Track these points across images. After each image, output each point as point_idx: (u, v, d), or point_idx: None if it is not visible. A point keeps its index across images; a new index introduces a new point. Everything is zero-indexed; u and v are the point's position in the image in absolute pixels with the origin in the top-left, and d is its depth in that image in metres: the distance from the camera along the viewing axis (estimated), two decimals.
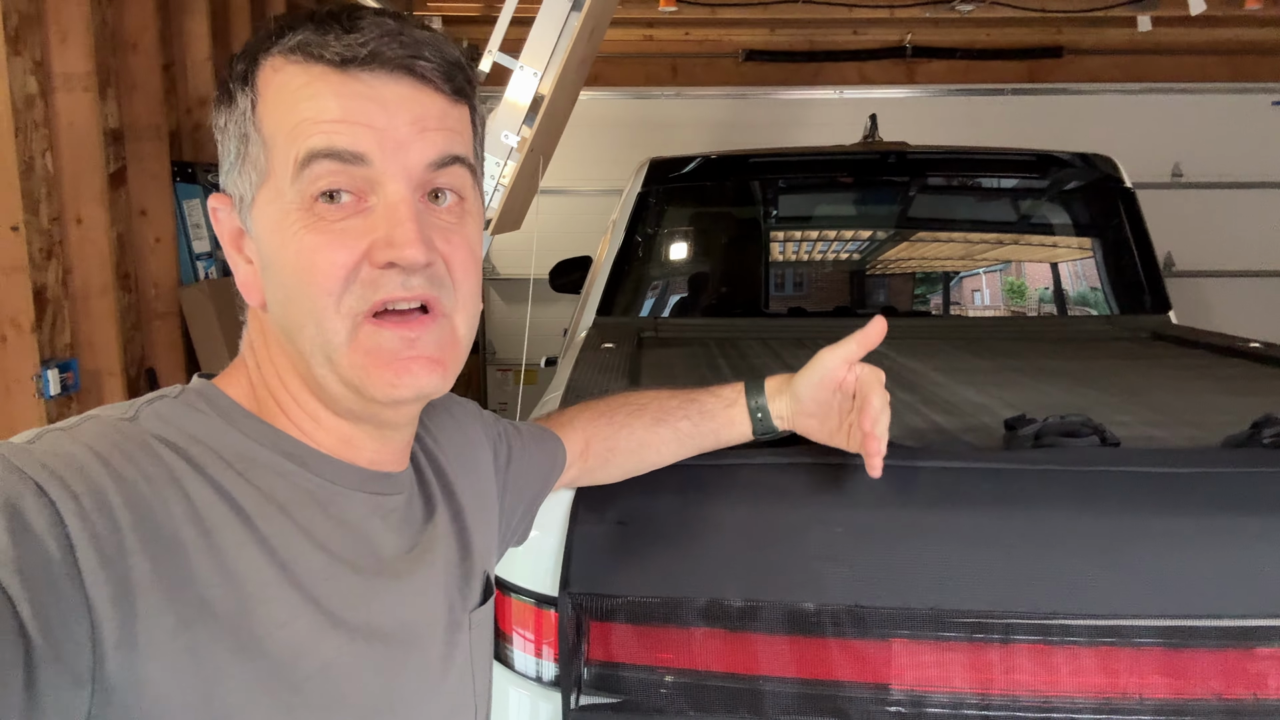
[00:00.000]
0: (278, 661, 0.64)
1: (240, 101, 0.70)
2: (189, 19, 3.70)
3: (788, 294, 2.89)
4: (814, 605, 1.05)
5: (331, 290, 0.67)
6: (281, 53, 0.69)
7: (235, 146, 0.71)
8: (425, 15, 5.57)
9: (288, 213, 0.68)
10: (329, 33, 0.67)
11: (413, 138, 0.68)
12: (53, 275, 2.90)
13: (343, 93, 0.67)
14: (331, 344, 0.69)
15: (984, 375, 1.88)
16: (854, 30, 5.92)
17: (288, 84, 0.68)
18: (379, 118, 0.67)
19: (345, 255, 0.67)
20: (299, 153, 0.66)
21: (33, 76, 2.80)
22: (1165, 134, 5.93)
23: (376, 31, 0.68)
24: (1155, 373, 1.98)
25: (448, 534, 0.84)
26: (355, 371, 0.69)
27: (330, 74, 0.67)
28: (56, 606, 0.54)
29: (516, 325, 6.26)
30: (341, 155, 0.66)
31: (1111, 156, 2.87)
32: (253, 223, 0.71)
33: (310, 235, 0.67)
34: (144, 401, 0.69)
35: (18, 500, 0.55)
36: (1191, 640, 1.00)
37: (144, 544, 0.59)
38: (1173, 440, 1.33)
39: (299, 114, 0.67)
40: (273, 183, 0.68)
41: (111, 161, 3.22)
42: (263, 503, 0.68)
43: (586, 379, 1.78)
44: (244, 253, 0.74)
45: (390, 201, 0.68)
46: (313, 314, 0.68)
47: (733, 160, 3.01)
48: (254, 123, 0.69)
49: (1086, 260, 2.86)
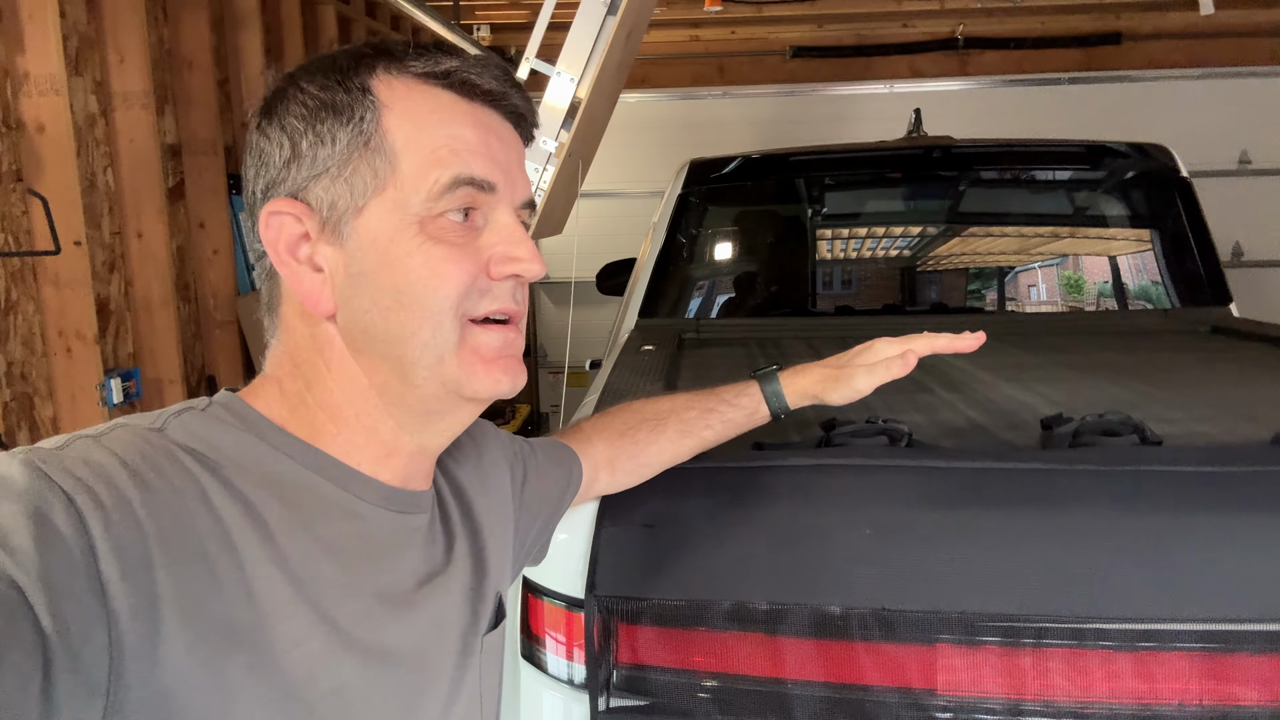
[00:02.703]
0: (292, 681, 0.64)
1: (356, 110, 0.71)
2: (243, 36, 3.79)
3: (831, 292, 2.86)
4: (841, 608, 1.04)
5: (455, 295, 0.72)
6: (416, 76, 0.73)
7: (341, 154, 0.70)
8: (473, 23, 5.64)
9: (409, 224, 0.71)
10: (470, 64, 0.74)
11: (517, 175, 0.77)
12: (115, 288, 3.01)
13: (477, 124, 0.74)
14: (447, 344, 0.72)
15: (1032, 372, 1.84)
16: (904, 23, 5.84)
17: (424, 104, 0.73)
18: (501, 152, 0.75)
19: (471, 265, 0.72)
20: (445, 175, 0.71)
21: (93, 96, 2.91)
22: (1231, 120, 5.71)
23: (504, 75, 0.76)
24: (1212, 367, 1.92)
25: (464, 557, 0.84)
26: (463, 369, 0.73)
27: (462, 104, 0.74)
28: (77, 616, 0.54)
29: (566, 327, 6.30)
30: (481, 184, 0.72)
31: (1167, 145, 2.79)
32: (353, 230, 0.71)
33: (438, 246, 0.71)
34: (171, 413, 0.69)
35: (46, 508, 0.56)
36: (1234, 645, 0.97)
37: (167, 557, 0.59)
38: (1225, 437, 1.28)
39: (436, 137, 0.72)
40: (396, 192, 0.70)
41: (170, 176, 3.33)
42: (286, 518, 0.68)
43: (624, 381, 1.78)
44: (308, 261, 0.72)
45: (505, 223, 0.75)
46: (431, 318, 0.71)
47: (773, 159, 2.99)
48: (380, 132, 0.71)
49: (1143, 253, 2.78)
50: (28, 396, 2.65)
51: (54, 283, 2.67)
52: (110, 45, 2.96)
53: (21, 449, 0.60)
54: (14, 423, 2.58)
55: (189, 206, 3.48)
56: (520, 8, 5.48)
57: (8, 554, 0.53)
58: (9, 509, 0.55)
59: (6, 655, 0.50)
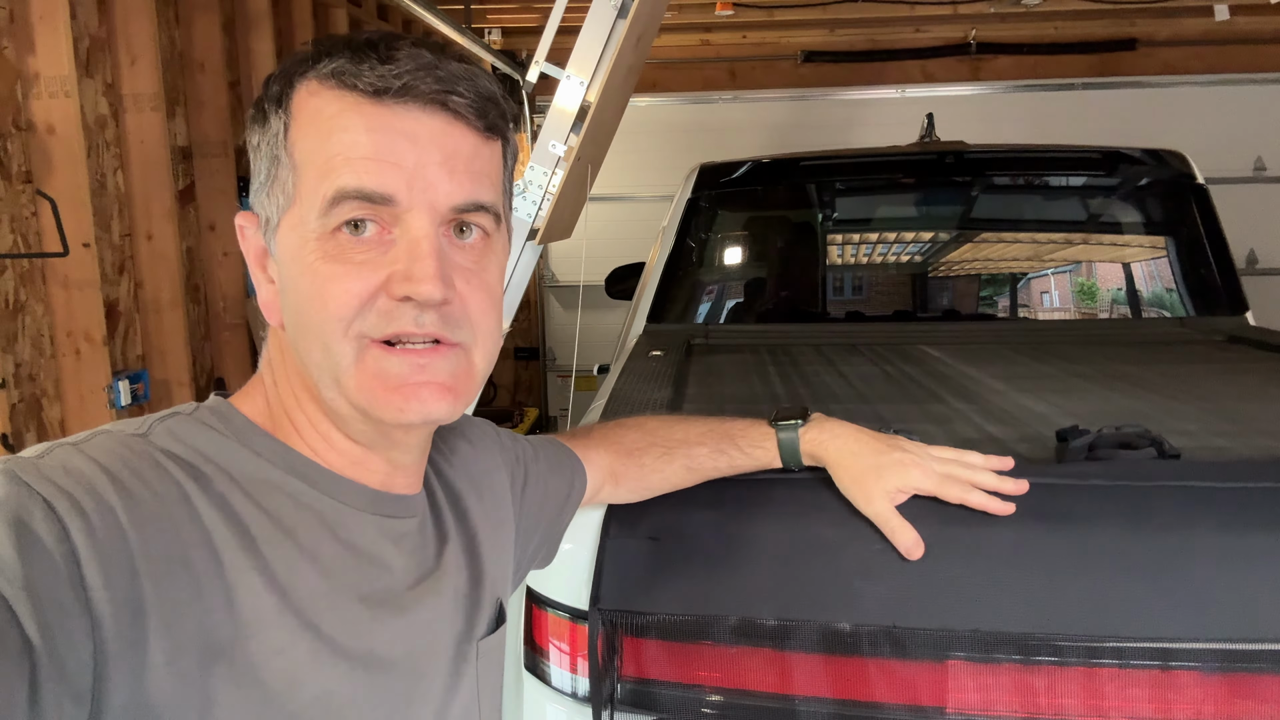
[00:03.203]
0: (272, 690, 0.64)
1: (273, 123, 0.70)
2: (254, 38, 3.80)
3: (841, 299, 2.84)
4: (850, 625, 1.01)
5: (343, 316, 0.67)
6: (317, 77, 0.69)
7: (266, 168, 0.71)
8: (484, 27, 5.64)
9: (308, 240, 0.68)
10: (364, 61, 0.67)
11: (441, 177, 0.68)
12: (124, 289, 3.01)
13: (374, 126, 0.67)
14: (339, 366, 0.69)
15: (1045, 382, 1.81)
16: (916, 28, 5.81)
17: (321, 111, 0.68)
18: (409, 155, 0.67)
19: (360, 285, 0.67)
20: (328, 190, 0.67)
21: (104, 98, 2.91)
22: (1246, 127, 5.68)
23: (412, 64, 0.67)
24: (1228, 378, 1.89)
25: (458, 562, 0.83)
26: (363, 394, 0.69)
27: (364, 104, 0.67)
28: (61, 624, 0.54)
29: (575, 332, 6.30)
30: (370, 196, 0.66)
31: (1182, 151, 2.76)
32: (276, 245, 0.71)
33: (329, 264, 0.67)
34: (158, 418, 0.69)
35: (26, 517, 0.56)
36: (1252, 665, 0.94)
37: (150, 565, 0.59)
38: (1243, 451, 1.26)
39: (330, 147, 0.67)
40: (298, 209, 0.69)
41: (180, 178, 3.33)
42: (269, 526, 0.67)
43: (631, 388, 1.77)
44: (266, 272, 0.74)
45: (413, 236, 0.68)
46: (320, 337, 0.68)
47: (784, 164, 2.97)
48: (285, 147, 0.69)
49: (1157, 260, 2.75)
50: (36, 398, 2.65)
51: (63, 284, 2.67)
52: (121, 47, 2.96)
53: (0, 459, 0.60)
54: (21, 424, 2.58)
55: (199, 208, 3.49)
56: (532, 11, 5.47)
57: None
58: None
59: None
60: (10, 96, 2.50)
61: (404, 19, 5.20)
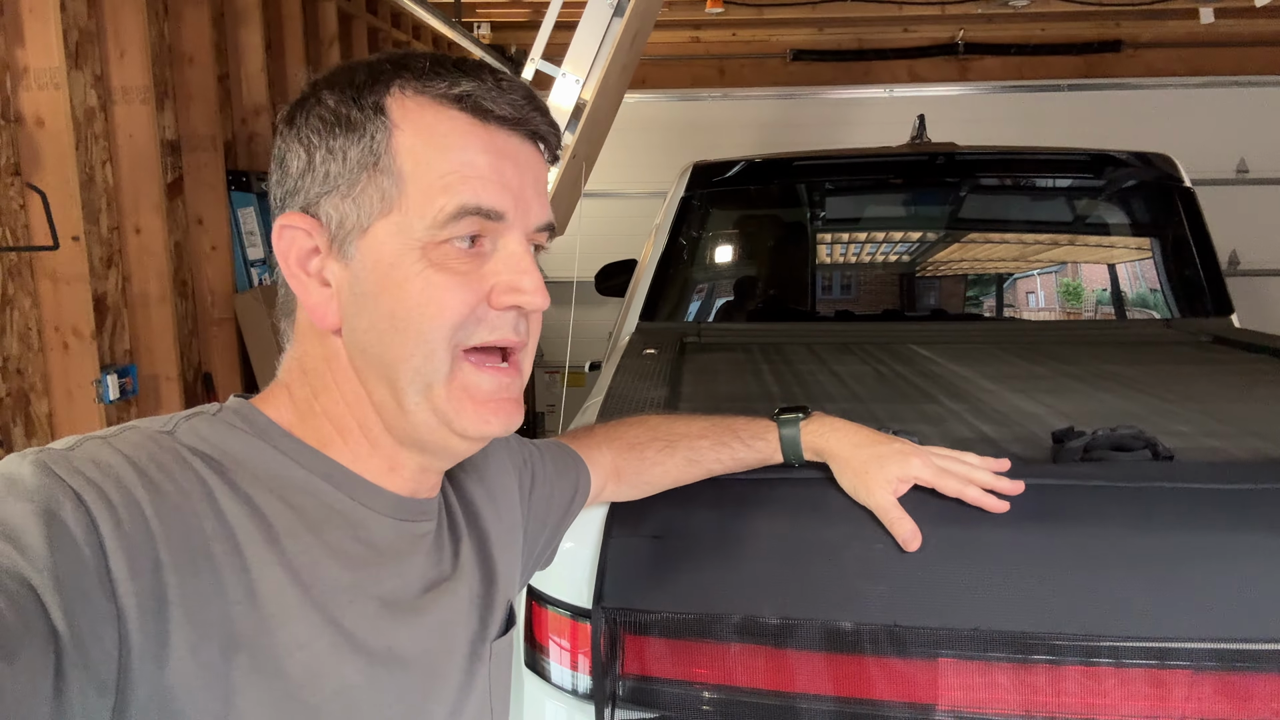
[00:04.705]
0: (295, 683, 0.65)
1: (368, 128, 0.70)
2: (244, 32, 3.77)
3: (833, 298, 2.85)
4: (851, 624, 1.03)
5: (451, 324, 0.71)
6: (431, 96, 0.71)
7: (349, 171, 0.70)
8: (474, 21, 5.63)
9: (412, 248, 0.70)
10: (488, 87, 0.71)
11: (533, 199, 0.74)
12: (112, 283, 2.98)
13: (489, 149, 0.71)
14: (436, 375, 0.71)
15: (1036, 382, 1.83)
16: (904, 28, 5.84)
17: (436, 127, 0.71)
18: (514, 178, 0.72)
19: (470, 295, 0.71)
20: (450, 203, 0.69)
21: (93, 90, 2.88)
22: (1229, 129, 5.75)
23: (525, 95, 0.73)
24: (1217, 379, 1.91)
25: (472, 563, 0.84)
26: (451, 404, 0.72)
27: (478, 127, 0.72)
28: (87, 614, 0.55)
29: (564, 328, 6.28)
30: (488, 212, 0.71)
31: (1170, 155, 2.79)
32: (358, 250, 0.71)
33: (438, 273, 0.70)
34: (182, 417, 0.70)
35: (56, 507, 0.56)
36: (1247, 664, 0.96)
37: (174, 557, 0.60)
38: (1234, 452, 1.28)
39: (447, 163, 0.70)
40: (401, 216, 0.70)
41: (169, 172, 3.31)
42: (293, 521, 0.68)
43: (627, 386, 1.77)
44: (317, 275, 0.73)
45: (514, 250, 0.73)
46: (423, 345, 0.70)
47: (776, 164, 2.98)
48: (389, 153, 0.70)
49: (1144, 262, 2.78)
50: (23, 392, 2.63)
51: (51, 278, 2.65)
52: (111, 39, 2.94)
53: (32, 450, 0.61)
54: (9, 418, 2.56)
55: (187, 202, 3.46)
56: (521, 6, 5.47)
57: (20, 553, 0.54)
58: (20, 508, 0.56)
59: (20, 653, 0.51)
60: None
61: (393, 12, 5.18)
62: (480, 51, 4.94)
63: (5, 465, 0.59)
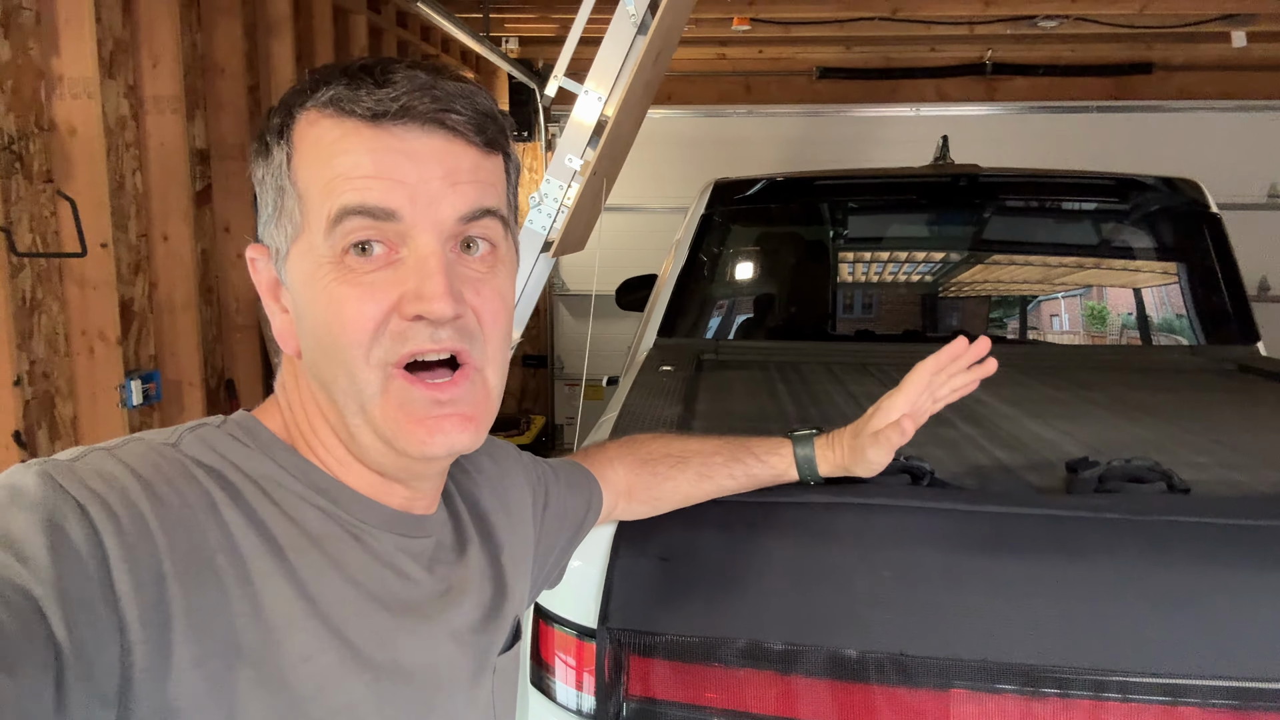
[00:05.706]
0: (300, 696, 0.64)
1: (276, 155, 0.71)
2: (274, 43, 3.82)
3: (852, 317, 2.84)
4: (857, 651, 1.02)
5: (361, 341, 0.68)
6: (316, 107, 0.69)
7: (272, 199, 0.72)
8: (502, 36, 5.67)
9: (320, 265, 0.69)
10: (360, 87, 0.68)
11: (444, 191, 0.69)
12: (139, 289, 3.03)
13: (375, 147, 0.68)
14: (365, 394, 0.69)
15: (1055, 407, 1.81)
16: (932, 47, 5.82)
17: (321, 139, 0.69)
18: (410, 172, 0.68)
19: (374, 307, 0.68)
20: (332, 209, 0.67)
21: (125, 99, 2.93)
22: (1261, 153, 5.68)
23: (408, 85, 0.68)
24: (1240, 409, 1.89)
25: (483, 576, 0.84)
26: (388, 424, 0.70)
27: (363, 128, 0.68)
28: (91, 626, 0.55)
29: (585, 340, 6.30)
30: (373, 212, 0.67)
31: (1196, 180, 2.76)
32: (287, 274, 0.72)
33: (341, 287, 0.68)
34: (187, 428, 0.71)
35: (60, 519, 0.56)
36: (1260, 704, 0.94)
37: (178, 570, 0.60)
38: (1254, 485, 1.26)
39: (332, 170, 0.68)
40: (306, 236, 0.69)
41: (198, 180, 3.35)
42: (296, 535, 0.69)
43: (642, 403, 1.77)
44: (280, 302, 0.75)
45: (420, 254, 0.68)
46: (344, 365, 0.69)
47: (798, 182, 2.98)
48: (289, 176, 0.70)
49: (1170, 287, 2.75)
50: (49, 395, 2.67)
51: (79, 283, 2.69)
52: (144, 49, 2.99)
53: (36, 460, 0.61)
54: (34, 421, 2.60)
55: (215, 210, 3.50)
56: (549, 21, 5.50)
57: (22, 564, 0.54)
58: (24, 519, 0.56)
59: (22, 665, 0.51)
60: (33, 97, 2.52)
61: (423, 26, 5.22)
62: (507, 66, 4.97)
63: (9, 476, 0.59)
